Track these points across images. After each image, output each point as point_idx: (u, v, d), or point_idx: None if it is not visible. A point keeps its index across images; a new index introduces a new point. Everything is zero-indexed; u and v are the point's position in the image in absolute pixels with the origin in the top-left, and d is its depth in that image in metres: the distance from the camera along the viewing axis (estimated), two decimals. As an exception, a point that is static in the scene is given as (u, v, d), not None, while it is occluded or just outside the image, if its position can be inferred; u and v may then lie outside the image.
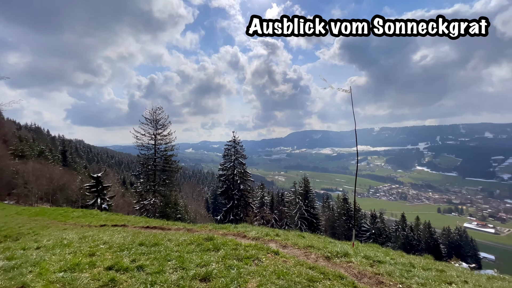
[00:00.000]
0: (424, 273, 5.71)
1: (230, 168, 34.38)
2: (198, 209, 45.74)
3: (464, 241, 71.32)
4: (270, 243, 7.99)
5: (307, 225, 42.62)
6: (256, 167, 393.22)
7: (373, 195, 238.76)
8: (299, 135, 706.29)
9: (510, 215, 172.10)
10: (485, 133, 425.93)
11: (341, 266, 6.02)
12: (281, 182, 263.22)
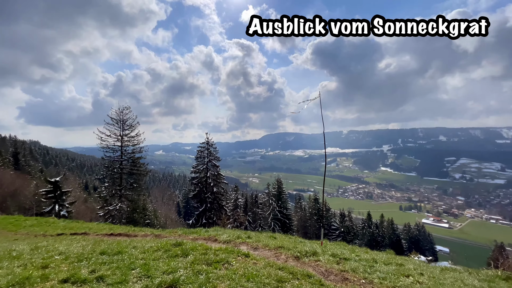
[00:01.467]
0: (385, 268, 6.08)
1: (203, 171, 33.71)
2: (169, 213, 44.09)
3: (422, 236, 77.39)
4: (241, 245, 7.95)
5: (280, 226, 43.23)
6: (230, 169, 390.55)
7: (342, 195, 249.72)
8: (273, 137, 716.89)
9: (461, 211, 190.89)
10: (440, 137, 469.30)
11: (309, 265, 6.18)
12: (255, 184, 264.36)
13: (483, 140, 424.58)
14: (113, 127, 28.83)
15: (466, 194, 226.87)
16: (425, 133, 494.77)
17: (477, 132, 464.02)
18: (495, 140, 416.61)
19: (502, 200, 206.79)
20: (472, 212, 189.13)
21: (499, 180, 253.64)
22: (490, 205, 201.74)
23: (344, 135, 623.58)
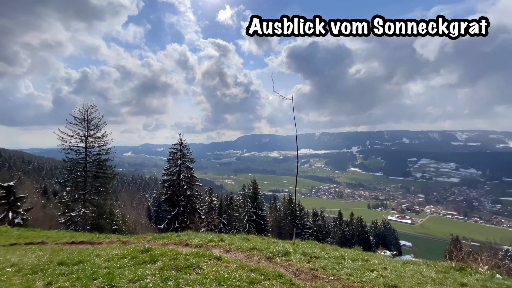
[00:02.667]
0: (352, 264, 6.35)
1: (175, 173, 32.65)
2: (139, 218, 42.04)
3: (388, 232, 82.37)
4: (213, 249, 7.81)
5: (255, 227, 43.34)
6: (204, 171, 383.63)
7: (315, 195, 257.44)
8: (249, 138, 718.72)
9: (422, 208, 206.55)
10: (403, 139, 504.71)
11: (281, 265, 6.25)
12: (231, 186, 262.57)
13: (440, 142, 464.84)
14: (77, 127, 26.87)
15: (426, 192, 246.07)
16: (390, 136, 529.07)
17: (435, 135, 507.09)
18: (451, 142, 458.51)
19: (457, 197, 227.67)
20: (431, 208, 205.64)
21: (454, 178, 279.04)
22: (446, 201, 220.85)
23: (317, 137, 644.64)
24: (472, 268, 7.53)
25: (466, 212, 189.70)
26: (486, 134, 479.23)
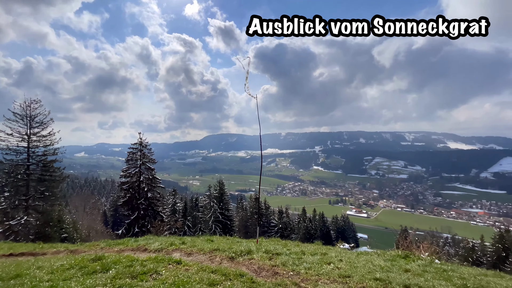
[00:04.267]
0: (311, 258, 6.63)
1: (135, 175, 30.73)
2: (93, 224, 38.68)
3: (347, 226, 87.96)
4: (174, 253, 7.52)
5: (222, 228, 42.89)
6: (168, 172, 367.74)
7: (281, 193, 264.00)
8: (216, 138, 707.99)
9: (376, 202, 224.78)
10: (360, 139, 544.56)
11: (243, 264, 6.26)
12: (196, 187, 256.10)
13: (391, 142, 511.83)
14: (17, 124, 23.73)
15: (379, 188, 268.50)
16: (349, 136, 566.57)
17: (387, 136, 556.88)
18: (400, 142, 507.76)
19: (405, 191, 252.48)
20: (384, 202, 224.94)
21: (403, 175, 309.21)
22: (397, 196, 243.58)
23: (283, 137, 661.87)
24: (415, 255, 8.39)
25: (413, 205, 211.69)
26: (429, 135, 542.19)
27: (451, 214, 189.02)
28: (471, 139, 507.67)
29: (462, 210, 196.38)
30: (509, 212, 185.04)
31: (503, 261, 37.84)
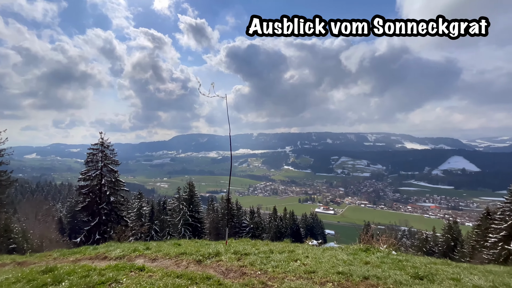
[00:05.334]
0: (279, 256, 6.74)
1: (95, 177, 28.61)
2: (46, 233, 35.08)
3: (315, 223, 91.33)
4: (137, 259, 7.12)
5: (192, 231, 41.77)
6: (133, 174, 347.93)
7: (252, 193, 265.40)
8: (185, 138, 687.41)
9: (342, 199, 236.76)
10: (327, 140, 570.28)
11: (211, 266, 6.15)
12: (164, 189, 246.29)
13: (356, 142, 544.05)
14: (-51, 122, 20.70)
15: (345, 186, 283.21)
16: (317, 137, 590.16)
17: (352, 136, 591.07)
18: (363, 142, 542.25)
19: (368, 188, 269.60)
20: (349, 199, 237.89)
21: (366, 173, 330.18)
22: (360, 193, 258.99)
23: (255, 137, 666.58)
24: (375, 248, 8.97)
25: (375, 201, 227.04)
26: (389, 136, 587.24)
27: (407, 208, 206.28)
28: (424, 140, 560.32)
29: (417, 204, 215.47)
30: (456, 205, 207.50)
31: (452, 249, 42.23)
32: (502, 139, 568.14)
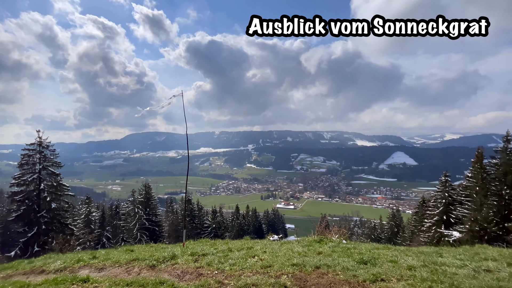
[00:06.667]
0: (237, 254, 6.78)
1: (32, 182, 25.19)
2: (-32, 249, 29.90)
3: (277, 218, 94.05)
4: (82, 270, 6.47)
5: (149, 235, 39.57)
6: (79, 177, 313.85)
7: (215, 192, 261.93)
8: (140, 137, 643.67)
9: (301, 194, 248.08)
10: (288, 138, 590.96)
11: (165, 270, 5.90)
12: (117, 192, 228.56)
13: (313, 140, 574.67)
14: None
15: (304, 181, 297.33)
16: (278, 135, 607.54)
17: (310, 135, 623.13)
18: (320, 140, 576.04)
19: (324, 183, 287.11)
20: (308, 194, 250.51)
21: (323, 169, 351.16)
22: (318, 187, 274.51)
23: (217, 135, 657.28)
24: (328, 239, 9.60)
25: (330, 195, 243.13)
26: (342, 134, 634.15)
27: (359, 200, 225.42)
28: (373, 138, 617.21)
29: (366, 196, 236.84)
30: (398, 195, 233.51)
31: (395, 235, 47.35)
32: (435, 136, 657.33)
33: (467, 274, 5.01)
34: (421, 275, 4.93)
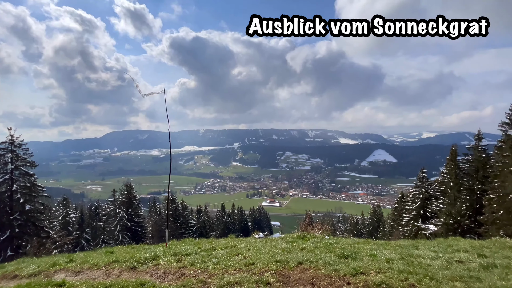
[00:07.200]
0: (221, 253, 6.75)
1: (4, 183, 23.73)
2: None
3: (262, 216, 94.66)
4: (57, 274, 6.20)
5: (131, 236, 38.53)
6: (55, 177, 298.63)
7: (200, 191, 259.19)
8: (121, 135, 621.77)
9: (286, 192, 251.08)
10: (273, 136, 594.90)
11: (147, 272, 5.77)
12: (97, 193, 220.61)
13: (298, 138, 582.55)
14: None
15: (289, 179, 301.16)
16: (264, 133, 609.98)
17: (295, 133, 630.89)
18: (305, 138, 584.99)
19: (309, 180, 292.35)
20: (293, 191, 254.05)
21: (307, 166, 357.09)
22: (302, 185, 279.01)
23: (201, 133, 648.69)
24: (311, 235, 9.78)
25: (315, 192, 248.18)
26: (326, 132, 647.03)
27: (342, 196, 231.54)
28: (355, 136, 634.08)
29: (349, 192, 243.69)
30: (379, 191, 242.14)
31: (376, 229, 49.10)
32: (413, 134, 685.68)
33: (440, 265, 5.29)
34: (398, 267, 5.14)
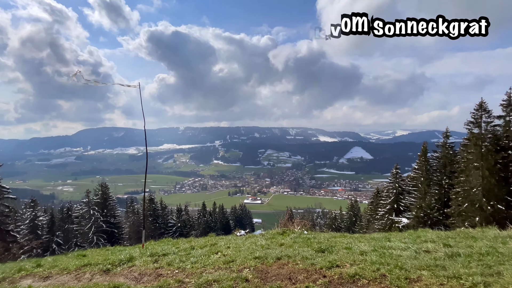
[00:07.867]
0: (200, 252, 6.67)
1: (-40, 185, 21.78)
2: None
3: (244, 214, 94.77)
4: (24, 280, 5.80)
5: (107, 238, 37.02)
6: (22, 177, 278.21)
7: (180, 190, 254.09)
8: (95, 132, 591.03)
9: (268, 189, 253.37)
10: (255, 134, 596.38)
11: (121, 274, 5.56)
12: (69, 194, 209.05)
13: (279, 136, 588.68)
14: None
15: (271, 176, 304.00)
16: (245, 131, 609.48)
17: (276, 131, 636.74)
18: (286, 136, 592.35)
19: (290, 177, 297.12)
20: (275, 188, 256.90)
21: (288, 164, 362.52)
22: (284, 182, 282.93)
23: (181, 131, 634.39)
24: (290, 230, 9.95)
25: (295, 188, 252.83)
26: (306, 130, 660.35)
27: (321, 193, 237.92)
28: (334, 134, 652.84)
29: (328, 188, 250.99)
30: (356, 187, 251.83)
31: (353, 224, 51.06)
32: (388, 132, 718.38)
33: (409, 255, 5.61)
34: (371, 259, 5.39)
